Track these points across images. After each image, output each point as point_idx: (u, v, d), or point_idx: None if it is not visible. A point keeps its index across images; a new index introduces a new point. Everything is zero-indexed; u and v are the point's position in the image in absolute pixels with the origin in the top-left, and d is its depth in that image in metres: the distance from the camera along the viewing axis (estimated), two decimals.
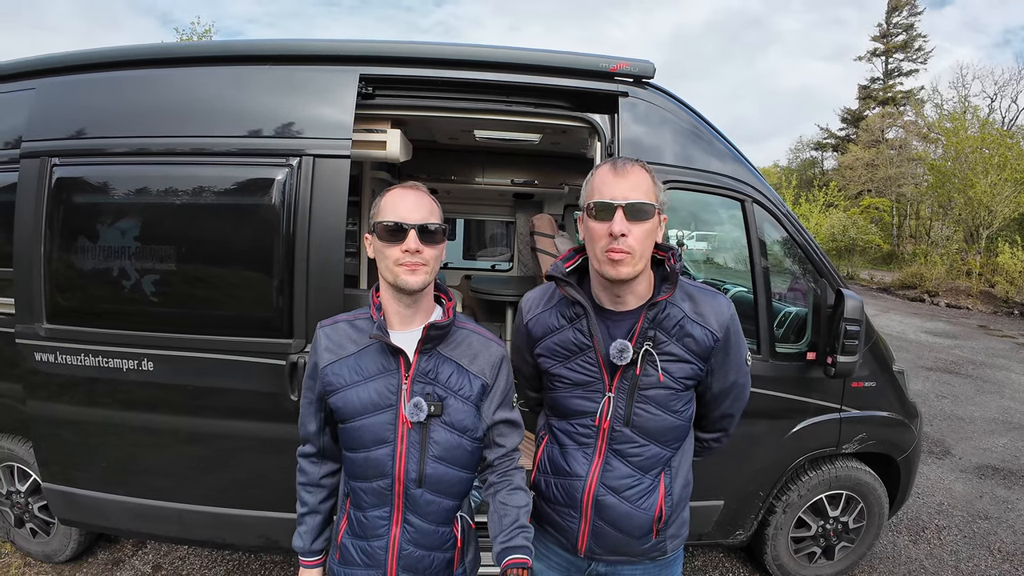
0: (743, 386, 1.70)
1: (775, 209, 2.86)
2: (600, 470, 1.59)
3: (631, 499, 1.58)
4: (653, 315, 1.52)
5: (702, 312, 1.55)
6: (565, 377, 1.61)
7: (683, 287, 1.58)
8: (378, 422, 1.46)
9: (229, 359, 2.52)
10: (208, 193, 2.50)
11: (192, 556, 3.44)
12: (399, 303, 1.49)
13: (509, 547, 1.47)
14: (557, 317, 1.63)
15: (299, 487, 1.65)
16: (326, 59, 2.56)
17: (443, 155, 5.05)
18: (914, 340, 10.95)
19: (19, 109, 2.72)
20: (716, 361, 1.58)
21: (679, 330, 1.53)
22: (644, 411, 1.55)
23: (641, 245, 1.44)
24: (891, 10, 36.34)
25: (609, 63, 2.58)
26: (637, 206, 1.43)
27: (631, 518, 1.59)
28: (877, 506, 3.23)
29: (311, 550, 1.63)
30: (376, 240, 1.46)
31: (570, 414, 1.62)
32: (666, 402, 1.55)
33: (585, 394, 1.59)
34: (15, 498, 3.21)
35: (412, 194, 1.46)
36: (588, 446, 1.60)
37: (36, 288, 2.61)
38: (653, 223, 1.46)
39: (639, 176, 1.47)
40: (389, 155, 2.84)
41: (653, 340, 1.52)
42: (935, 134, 21.22)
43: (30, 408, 2.74)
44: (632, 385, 1.54)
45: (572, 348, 1.59)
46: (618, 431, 1.56)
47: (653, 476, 1.60)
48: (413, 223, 1.41)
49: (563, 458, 1.64)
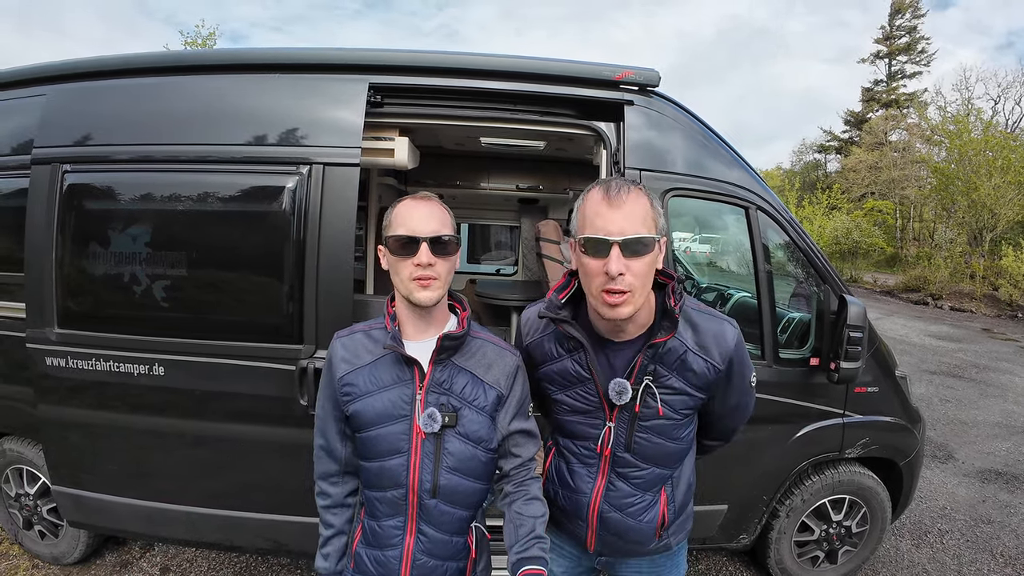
0: (746, 405, 1.68)
1: (778, 216, 2.87)
2: (604, 490, 1.60)
3: (634, 515, 1.60)
4: (654, 352, 1.47)
5: (704, 343, 1.48)
6: (565, 404, 1.60)
7: (686, 314, 1.50)
8: (392, 432, 1.47)
9: (239, 364, 2.54)
10: (219, 200, 2.52)
11: (200, 558, 3.46)
12: (413, 314, 1.50)
13: (525, 558, 1.46)
14: (555, 346, 1.59)
15: (322, 511, 1.62)
16: (336, 68, 2.58)
17: (449, 161, 5.07)
18: (917, 343, 10.93)
19: (30, 115, 2.75)
20: (718, 389, 1.55)
21: (680, 364, 1.48)
22: (645, 440, 1.54)
23: (641, 281, 1.35)
24: (894, 12, 36.32)
25: (614, 71, 2.60)
26: (634, 241, 1.31)
27: (634, 531, 1.62)
28: (880, 510, 3.24)
29: (336, 571, 1.61)
30: (389, 254, 1.46)
31: (573, 436, 1.63)
32: (667, 431, 1.54)
33: (587, 420, 1.58)
34: (24, 500, 3.23)
35: (424, 205, 1.46)
36: (592, 466, 1.61)
37: (47, 293, 2.64)
38: (653, 255, 1.36)
39: (634, 203, 1.34)
40: (397, 162, 2.87)
41: (653, 374, 1.47)
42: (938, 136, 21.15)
43: (40, 412, 2.77)
44: (632, 416, 1.52)
45: (572, 379, 1.56)
46: (620, 456, 1.56)
47: (655, 492, 1.62)
48: (425, 235, 1.41)
49: (568, 475, 1.65)
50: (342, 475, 1.62)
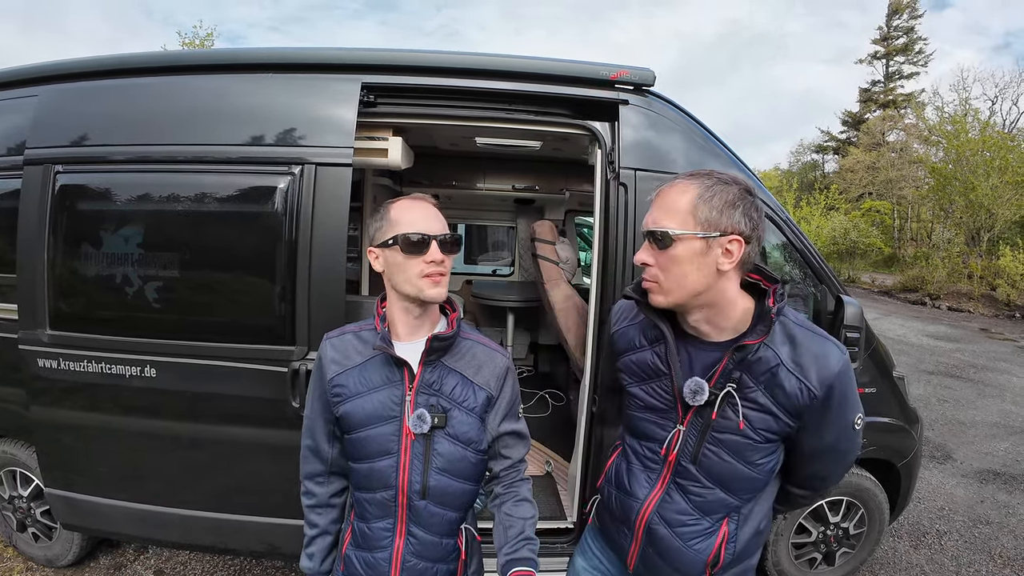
0: (844, 452, 1.45)
1: (774, 215, 2.86)
2: (659, 499, 1.49)
3: (684, 537, 1.46)
4: (741, 356, 1.33)
5: (801, 362, 1.32)
6: (639, 398, 1.52)
7: (786, 327, 1.36)
8: (382, 433, 1.46)
9: (231, 366, 2.53)
10: (211, 201, 2.51)
11: (194, 561, 3.45)
12: (409, 314, 1.49)
13: (514, 559, 1.47)
14: (640, 335, 1.52)
15: (307, 510, 1.63)
16: (328, 68, 2.57)
17: (444, 161, 5.06)
18: (915, 344, 10.94)
19: (23, 116, 2.73)
20: (810, 420, 1.35)
21: (770, 377, 1.33)
22: (714, 454, 1.40)
23: (668, 275, 1.31)
24: (892, 13, 36.37)
25: (609, 71, 2.59)
26: (654, 233, 1.30)
27: (680, 554, 1.47)
28: (878, 512, 3.23)
29: (321, 571, 1.62)
30: (395, 253, 1.43)
31: (640, 435, 1.54)
32: (741, 451, 1.38)
33: (657, 420, 1.48)
34: (17, 503, 3.22)
35: (426, 206, 1.47)
36: (653, 471, 1.51)
37: (39, 294, 2.62)
38: (680, 251, 1.28)
39: (672, 196, 1.31)
40: (391, 162, 2.85)
41: (738, 383, 1.34)
42: (936, 137, 21.18)
43: (33, 413, 2.75)
44: (705, 424, 1.39)
45: (650, 371, 1.48)
46: (684, 466, 1.44)
47: (714, 520, 1.46)
48: (435, 234, 1.42)
49: (627, 476, 1.56)
50: (328, 475, 1.62)
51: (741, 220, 1.28)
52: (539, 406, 4.79)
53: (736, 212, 1.27)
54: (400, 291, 1.46)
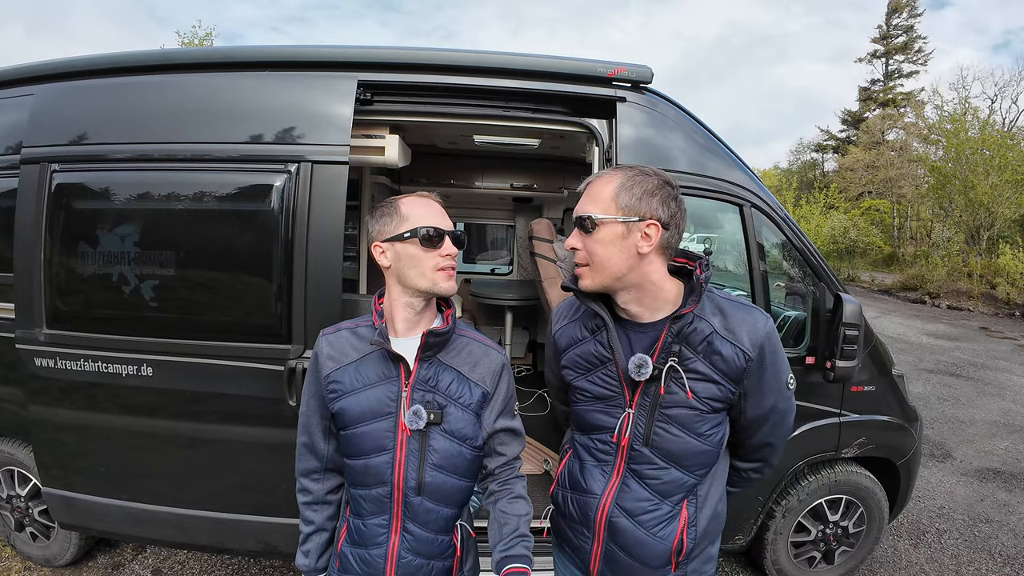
0: (784, 412, 1.54)
1: (773, 213, 2.86)
2: (616, 490, 1.52)
3: (646, 525, 1.49)
4: (678, 329, 1.42)
5: (733, 328, 1.42)
6: (586, 390, 1.56)
7: (714, 300, 1.47)
8: (378, 429, 1.47)
9: (228, 364, 2.53)
10: (207, 199, 2.50)
11: (191, 560, 3.44)
12: (412, 309, 1.50)
13: (508, 556, 1.47)
14: (581, 329, 1.58)
15: (303, 507, 1.63)
16: (325, 65, 2.57)
17: (442, 160, 5.06)
18: (915, 342, 10.93)
19: (19, 115, 2.73)
20: (750, 384, 1.45)
21: (706, 347, 1.42)
22: (665, 431, 1.46)
23: (594, 257, 1.42)
24: (891, 12, 36.36)
25: (607, 68, 2.58)
26: (579, 219, 1.43)
27: (644, 546, 1.49)
28: (877, 510, 3.23)
29: (316, 567, 1.62)
30: (409, 247, 1.44)
31: (590, 429, 1.57)
32: (690, 423, 1.45)
33: (606, 408, 1.53)
34: (15, 502, 3.21)
35: (435, 203, 1.51)
36: (606, 463, 1.54)
37: (36, 293, 2.62)
38: (603, 235, 1.40)
39: (597, 187, 1.44)
40: (388, 160, 2.85)
41: (678, 356, 1.43)
42: (935, 135, 21.18)
43: (30, 413, 2.75)
44: (653, 403, 1.45)
45: (594, 361, 1.54)
46: (637, 450, 1.48)
47: (673, 503, 1.50)
48: (448, 229, 1.47)
49: (581, 474, 1.59)
50: (324, 472, 1.62)
51: (659, 207, 1.40)
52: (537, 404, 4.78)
53: (654, 200, 1.40)
54: (411, 285, 1.47)
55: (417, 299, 1.49)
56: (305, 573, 1.63)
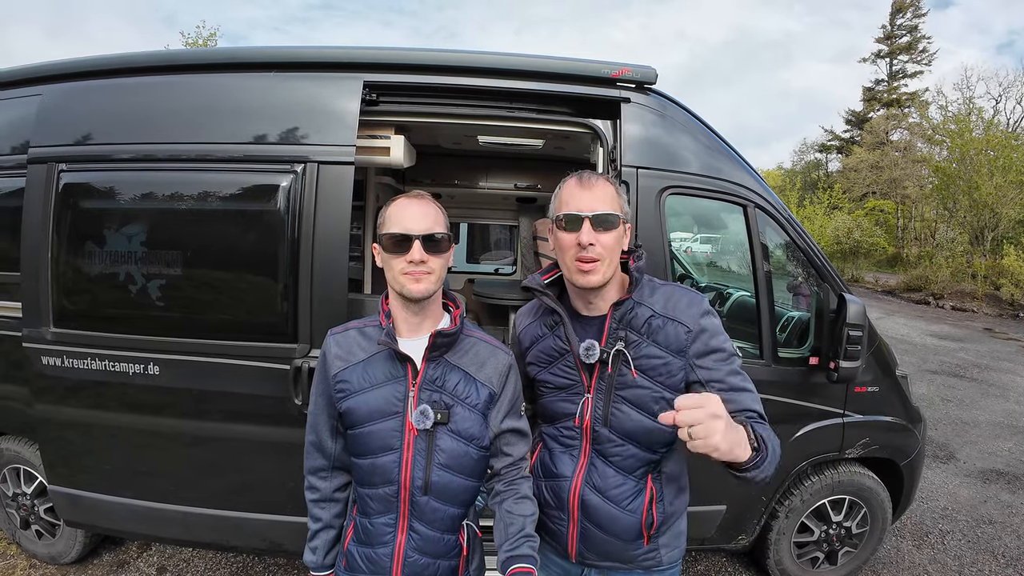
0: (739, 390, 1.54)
1: (777, 214, 2.86)
2: (585, 470, 1.63)
3: (616, 500, 1.60)
4: (620, 315, 1.56)
5: (673, 307, 1.56)
6: (549, 382, 1.67)
7: (653, 286, 1.62)
8: (385, 429, 1.47)
9: (234, 363, 2.54)
10: (214, 199, 2.51)
11: (196, 558, 3.46)
12: (407, 310, 1.51)
13: (514, 556, 1.47)
14: (541, 326, 1.71)
15: (311, 504, 1.65)
16: (331, 66, 2.58)
17: (447, 160, 5.07)
18: (919, 343, 10.91)
19: (27, 115, 2.74)
20: (694, 355, 1.52)
21: (649, 328, 1.55)
22: (620, 411, 1.57)
23: (609, 252, 1.51)
24: (895, 12, 36.21)
25: (611, 69, 2.59)
26: (602, 216, 1.50)
27: (616, 520, 1.61)
28: (880, 511, 3.22)
29: (324, 564, 1.63)
30: (382, 251, 1.48)
31: (556, 418, 1.68)
32: (643, 403, 1.55)
33: (568, 396, 1.64)
34: (21, 500, 3.23)
35: (416, 203, 1.48)
36: (573, 448, 1.65)
37: (43, 292, 2.63)
38: (619, 232, 1.53)
39: (604, 188, 1.55)
40: (393, 161, 2.86)
41: (625, 340, 1.55)
42: (940, 136, 21.11)
43: (36, 411, 2.77)
44: (608, 386, 1.57)
45: (553, 354, 1.66)
46: (598, 431, 1.60)
47: (638, 478, 1.61)
48: (418, 233, 1.43)
49: (551, 461, 1.69)
50: (331, 470, 1.63)
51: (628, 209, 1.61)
52: None
53: (627, 204, 1.61)
54: (391, 287, 1.51)
55: (405, 300, 1.49)
56: (312, 570, 1.64)
